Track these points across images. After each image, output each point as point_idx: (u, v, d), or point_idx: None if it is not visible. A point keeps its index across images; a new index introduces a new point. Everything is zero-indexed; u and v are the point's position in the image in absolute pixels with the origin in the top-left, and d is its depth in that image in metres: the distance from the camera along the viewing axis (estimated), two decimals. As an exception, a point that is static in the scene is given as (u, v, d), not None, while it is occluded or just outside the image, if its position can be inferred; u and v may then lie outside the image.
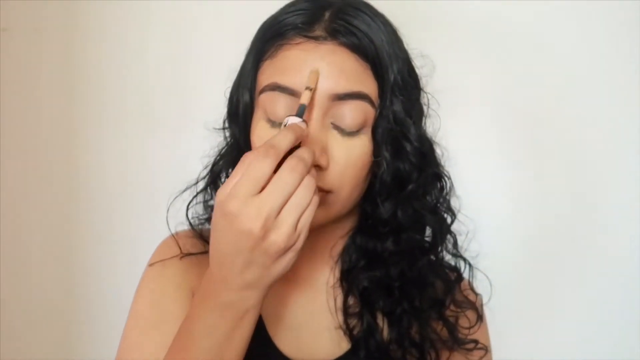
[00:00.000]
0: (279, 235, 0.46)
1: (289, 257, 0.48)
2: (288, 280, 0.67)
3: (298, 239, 0.48)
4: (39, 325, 1.20)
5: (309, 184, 0.48)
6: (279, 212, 0.46)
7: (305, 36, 0.58)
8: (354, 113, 0.57)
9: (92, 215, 1.20)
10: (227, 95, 0.67)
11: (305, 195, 0.47)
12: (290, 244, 0.47)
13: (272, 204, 0.46)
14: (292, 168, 0.47)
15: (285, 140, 0.49)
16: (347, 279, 0.66)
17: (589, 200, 1.12)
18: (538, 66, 1.11)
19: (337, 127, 0.58)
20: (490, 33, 1.12)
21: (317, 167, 0.56)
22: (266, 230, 0.46)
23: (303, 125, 0.52)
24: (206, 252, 0.67)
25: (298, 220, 0.47)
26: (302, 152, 0.49)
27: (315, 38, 0.57)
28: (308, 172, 0.48)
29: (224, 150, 0.68)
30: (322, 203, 0.57)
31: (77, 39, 1.17)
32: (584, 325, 1.14)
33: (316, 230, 0.64)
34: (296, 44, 0.58)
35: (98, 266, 1.20)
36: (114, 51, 1.18)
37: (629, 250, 1.12)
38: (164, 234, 0.72)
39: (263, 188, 0.46)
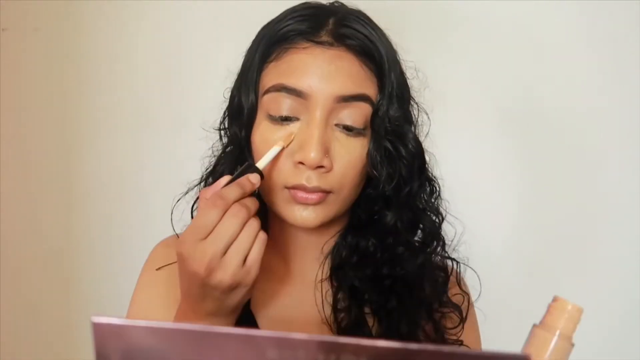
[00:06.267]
0: (225, 274, 0.52)
1: (241, 291, 0.54)
2: (279, 276, 0.69)
3: (248, 275, 0.53)
4: (39, 325, 1.21)
5: (251, 225, 0.53)
6: (224, 254, 0.52)
7: (312, 41, 0.61)
8: (355, 115, 0.61)
9: (89, 214, 1.20)
10: (227, 96, 0.69)
11: (248, 236, 0.53)
12: (238, 280, 0.53)
13: (215, 248, 0.52)
14: (234, 214, 0.53)
15: (233, 193, 0.54)
16: (337, 276, 0.68)
17: (580, 199, 1.12)
18: (535, 69, 1.11)
19: (340, 127, 0.61)
20: (484, 34, 1.11)
21: (321, 169, 0.60)
22: (210, 270, 0.52)
23: (256, 179, 0.57)
24: None
25: (245, 259, 0.53)
26: (246, 200, 0.55)
27: (322, 43, 0.61)
28: (251, 216, 0.54)
29: (226, 150, 0.69)
30: (321, 203, 0.61)
31: (77, 39, 1.17)
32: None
33: (309, 230, 0.66)
34: (303, 48, 0.61)
35: (97, 267, 1.21)
36: (115, 51, 1.18)
37: (627, 250, 1.11)
38: (160, 235, 0.72)
39: (210, 234, 0.52)
